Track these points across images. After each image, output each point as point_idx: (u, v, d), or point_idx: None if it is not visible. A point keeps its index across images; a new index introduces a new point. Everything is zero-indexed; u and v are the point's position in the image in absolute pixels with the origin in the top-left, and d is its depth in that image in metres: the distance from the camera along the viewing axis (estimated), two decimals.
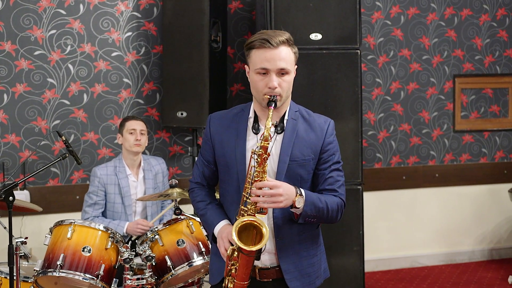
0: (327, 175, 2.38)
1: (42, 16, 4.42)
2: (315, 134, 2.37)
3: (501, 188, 5.45)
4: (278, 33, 2.30)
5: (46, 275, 3.31)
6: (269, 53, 2.26)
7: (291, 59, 2.30)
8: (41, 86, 4.45)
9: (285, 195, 2.21)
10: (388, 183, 5.24)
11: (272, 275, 2.38)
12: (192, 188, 2.55)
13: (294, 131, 2.35)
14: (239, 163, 2.33)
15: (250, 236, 2.25)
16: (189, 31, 4.26)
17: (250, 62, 2.33)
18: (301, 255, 2.40)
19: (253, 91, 2.34)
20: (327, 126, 2.40)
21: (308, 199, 2.27)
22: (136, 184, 4.06)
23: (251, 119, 2.38)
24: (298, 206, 2.25)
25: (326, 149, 2.37)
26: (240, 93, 4.87)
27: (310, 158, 2.35)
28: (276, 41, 2.25)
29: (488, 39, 5.38)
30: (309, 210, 2.27)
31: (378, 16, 5.11)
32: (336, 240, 4.04)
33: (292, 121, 2.36)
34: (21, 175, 4.41)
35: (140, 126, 4.05)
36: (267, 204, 2.20)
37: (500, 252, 5.55)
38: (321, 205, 2.30)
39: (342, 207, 2.40)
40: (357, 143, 4.07)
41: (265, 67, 2.26)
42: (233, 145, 2.36)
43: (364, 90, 5.02)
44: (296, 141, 2.34)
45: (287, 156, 2.32)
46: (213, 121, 2.47)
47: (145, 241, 3.54)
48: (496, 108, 5.46)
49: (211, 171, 2.49)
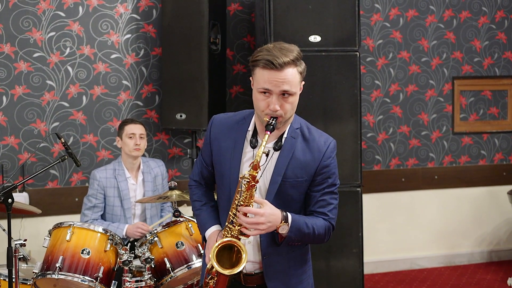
0: (319, 198, 2.33)
1: (42, 18, 4.42)
2: (312, 155, 2.31)
3: (500, 190, 5.45)
4: (284, 52, 2.19)
5: (45, 278, 3.31)
6: (272, 75, 2.18)
7: (296, 80, 2.22)
8: (40, 88, 4.45)
9: (267, 223, 2.18)
10: (387, 185, 5.25)
11: (257, 281, 2.37)
12: (190, 185, 2.57)
13: (291, 151, 2.29)
14: (232, 174, 2.32)
15: (232, 254, 2.25)
16: (188, 33, 4.26)
17: (254, 78, 2.26)
18: (290, 273, 2.37)
19: (255, 107, 2.29)
20: (326, 148, 2.32)
21: (293, 225, 2.24)
22: (135, 187, 4.06)
23: (250, 132, 2.35)
24: (281, 233, 2.23)
25: (321, 172, 2.31)
26: (240, 95, 4.87)
27: (303, 180, 2.30)
28: (280, 62, 2.16)
29: (487, 41, 5.39)
30: (294, 236, 2.25)
31: (377, 18, 5.12)
32: (336, 242, 4.03)
33: (291, 139, 2.31)
34: (20, 177, 4.40)
35: (139, 130, 4.05)
36: (250, 231, 2.19)
37: (499, 254, 5.55)
38: (307, 230, 2.27)
39: (330, 230, 2.36)
40: (356, 145, 4.07)
41: (268, 89, 2.20)
42: (229, 156, 2.34)
43: (363, 92, 5.02)
44: (292, 162, 2.29)
45: (279, 176, 2.28)
46: (214, 126, 2.43)
47: (144, 243, 3.54)
48: (495, 110, 5.46)
49: (209, 172, 2.49)
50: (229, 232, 2.24)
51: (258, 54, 2.23)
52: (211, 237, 2.37)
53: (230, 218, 2.25)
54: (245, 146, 2.34)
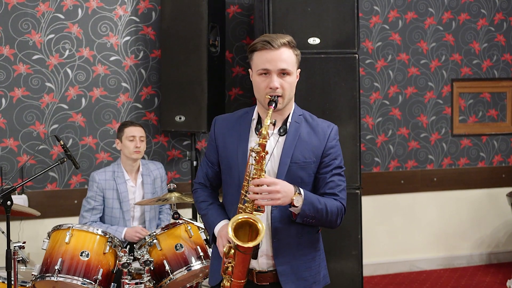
0: (328, 179, 2.38)
1: (41, 21, 4.42)
2: (318, 137, 2.39)
3: (499, 192, 5.45)
4: (279, 35, 2.34)
5: (44, 280, 3.31)
6: (270, 54, 2.30)
7: (292, 60, 2.34)
8: (40, 90, 4.45)
9: (282, 192, 2.21)
10: (386, 187, 5.25)
11: (270, 279, 2.38)
12: (195, 189, 2.58)
13: (297, 134, 2.37)
14: (240, 163, 2.35)
15: (247, 234, 2.25)
16: (187, 35, 4.27)
17: (253, 64, 2.37)
18: (298, 258, 2.39)
19: (256, 93, 2.37)
20: (330, 130, 2.42)
21: (307, 198, 2.27)
22: (134, 189, 4.06)
23: (255, 120, 2.41)
24: (296, 205, 2.25)
25: (328, 153, 2.38)
26: (239, 97, 4.87)
27: (311, 161, 2.36)
28: (277, 43, 2.30)
29: (486, 43, 5.39)
30: (307, 209, 2.27)
31: (376, 20, 5.12)
32: (335, 244, 4.04)
33: (295, 124, 2.39)
34: (19, 179, 4.40)
35: (139, 133, 4.05)
36: (265, 201, 2.20)
37: (499, 256, 5.55)
38: (320, 206, 2.30)
39: (342, 211, 2.39)
40: (355, 147, 4.07)
41: (266, 68, 2.30)
42: (236, 146, 2.38)
43: (362, 94, 5.03)
44: (298, 144, 2.35)
45: (288, 158, 2.33)
46: (218, 123, 2.50)
47: (143, 246, 3.53)
48: (494, 112, 5.47)
49: (214, 172, 2.51)
50: (243, 211, 2.24)
51: (255, 41, 2.35)
52: (221, 229, 2.36)
53: (242, 197, 2.26)
54: (251, 134, 2.39)
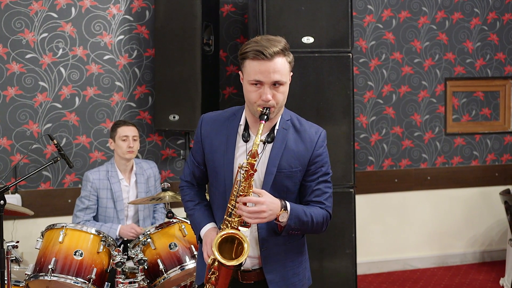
0: (314, 187, 2.36)
1: (34, 19, 4.40)
2: (305, 145, 2.34)
3: (492, 191, 5.47)
4: (273, 42, 2.22)
5: (38, 279, 3.30)
6: (263, 66, 2.19)
7: (286, 70, 2.24)
8: (33, 89, 4.43)
9: (268, 211, 2.19)
10: (380, 186, 5.26)
11: (254, 277, 2.38)
12: (182, 186, 2.56)
13: (284, 142, 2.32)
14: (226, 169, 2.33)
15: (232, 248, 2.24)
16: (181, 34, 4.26)
17: (244, 71, 2.27)
18: (287, 265, 2.39)
19: (246, 99, 2.30)
20: (318, 137, 2.36)
21: (293, 213, 2.26)
22: (128, 189, 4.05)
23: (242, 126, 2.36)
24: (281, 221, 2.24)
25: (314, 161, 2.34)
26: (233, 96, 4.87)
27: (297, 170, 2.33)
28: (270, 52, 2.18)
29: (479, 42, 5.41)
30: (293, 223, 2.26)
31: (370, 19, 5.13)
32: (329, 243, 4.04)
33: (282, 130, 2.33)
34: (12, 178, 4.39)
35: (132, 132, 4.04)
36: (251, 219, 2.19)
37: (492, 254, 5.57)
38: (306, 218, 2.29)
39: (327, 219, 2.38)
40: (349, 146, 4.07)
41: (259, 80, 2.21)
42: (223, 151, 2.35)
43: (356, 93, 5.04)
44: (285, 152, 2.31)
45: (274, 167, 2.30)
46: (204, 123, 2.44)
47: (137, 245, 3.53)
48: (487, 111, 5.49)
49: (201, 171, 2.48)
50: (228, 225, 2.24)
51: (246, 47, 2.24)
52: (207, 234, 2.36)
53: (229, 210, 2.24)
54: (238, 140, 2.35)
